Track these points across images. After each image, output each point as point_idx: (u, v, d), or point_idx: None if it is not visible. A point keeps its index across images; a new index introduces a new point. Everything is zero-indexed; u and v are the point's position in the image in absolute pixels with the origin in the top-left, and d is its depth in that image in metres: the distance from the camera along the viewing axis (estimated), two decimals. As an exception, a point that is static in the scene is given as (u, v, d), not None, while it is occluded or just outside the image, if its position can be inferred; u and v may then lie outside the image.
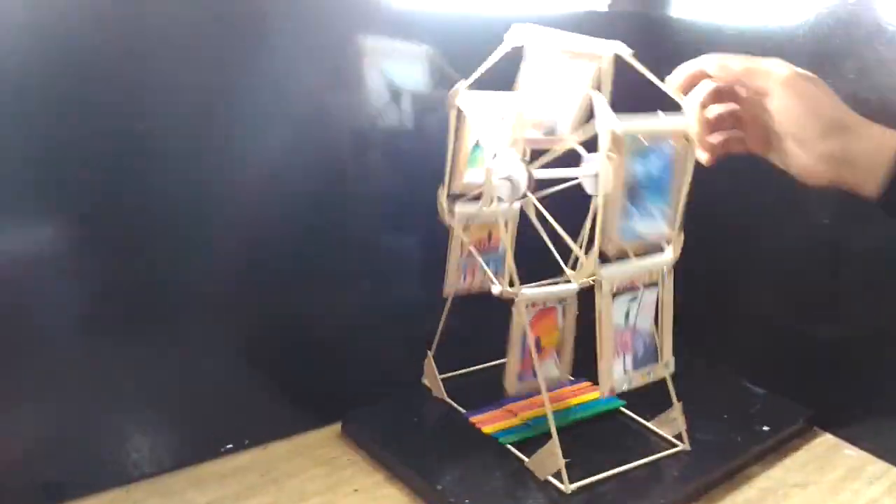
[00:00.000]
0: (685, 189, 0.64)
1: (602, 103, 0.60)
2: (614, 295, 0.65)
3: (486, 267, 0.77)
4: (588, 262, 0.63)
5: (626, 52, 0.65)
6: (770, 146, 0.61)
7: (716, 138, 0.63)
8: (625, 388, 0.68)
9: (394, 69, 0.80)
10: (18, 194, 0.61)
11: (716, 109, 0.62)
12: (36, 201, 0.62)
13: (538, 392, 0.73)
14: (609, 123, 0.58)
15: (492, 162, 0.68)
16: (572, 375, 0.82)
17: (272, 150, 0.74)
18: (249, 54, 0.70)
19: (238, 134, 0.71)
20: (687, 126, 0.63)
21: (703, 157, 0.65)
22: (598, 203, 0.61)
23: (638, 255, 0.65)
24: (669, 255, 0.68)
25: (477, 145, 0.77)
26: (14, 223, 0.62)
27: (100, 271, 0.66)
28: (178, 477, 0.72)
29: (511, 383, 0.75)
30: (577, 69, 0.68)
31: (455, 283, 0.82)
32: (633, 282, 0.66)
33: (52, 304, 0.65)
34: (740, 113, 0.62)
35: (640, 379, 0.69)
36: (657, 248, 0.68)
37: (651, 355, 0.70)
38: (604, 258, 0.64)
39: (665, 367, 0.71)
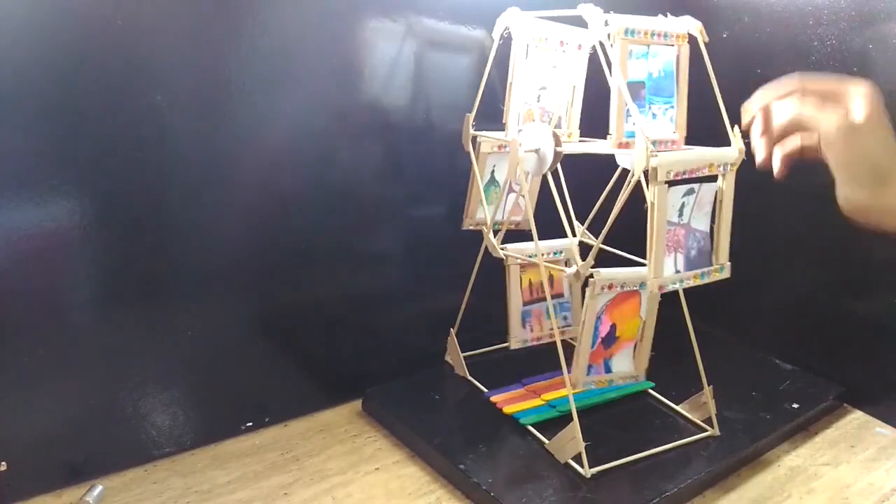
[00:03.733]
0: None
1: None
2: (669, 185, 0.60)
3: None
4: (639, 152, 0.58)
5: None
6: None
7: (784, 146, 0.58)
8: (676, 286, 0.63)
9: (422, 43, 0.78)
10: (36, 172, 0.60)
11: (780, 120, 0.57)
12: (57, 181, 0.61)
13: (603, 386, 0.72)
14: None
15: (518, 134, 0.65)
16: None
17: (291, 124, 0.72)
18: (266, 24, 0.68)
19: (257, 107, 0.69)
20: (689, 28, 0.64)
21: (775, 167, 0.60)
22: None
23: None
24: (735, 149, 0.63)
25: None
26: (35, 201, 0.60)
27: (119, 250, 0.65)
28: (199, 455, 0.72)
29: (578, 378, 0.69)
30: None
31: (518, 334, 0.80)
32: (691, 173, 0.61)
33: (72, 284, 0.64)
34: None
35: (693, 280, 0.65)
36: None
37: (706, 257, 0.65)
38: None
39: (719, 270, 0.66)
